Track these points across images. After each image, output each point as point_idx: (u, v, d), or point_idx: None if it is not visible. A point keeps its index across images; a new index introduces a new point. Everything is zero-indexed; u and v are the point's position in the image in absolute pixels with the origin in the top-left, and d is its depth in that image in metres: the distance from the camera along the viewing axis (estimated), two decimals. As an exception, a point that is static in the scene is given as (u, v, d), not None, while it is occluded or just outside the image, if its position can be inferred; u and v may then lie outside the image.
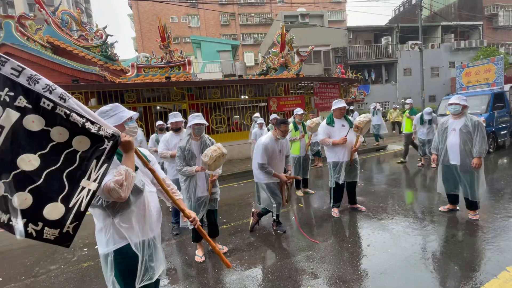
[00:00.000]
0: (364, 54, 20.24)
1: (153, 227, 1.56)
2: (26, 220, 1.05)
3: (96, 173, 1.14)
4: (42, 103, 1.07)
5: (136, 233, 1.47)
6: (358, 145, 3.79)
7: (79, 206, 1.10)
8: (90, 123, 1.16)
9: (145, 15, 28.78)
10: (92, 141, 1.16)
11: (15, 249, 3.79)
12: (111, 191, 1.23)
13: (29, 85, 1.07)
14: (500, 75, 8.36)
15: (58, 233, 1.09)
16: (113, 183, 1.22)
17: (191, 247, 3.40)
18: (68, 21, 9.52)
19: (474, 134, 3.37)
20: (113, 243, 1.44)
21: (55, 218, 1.08)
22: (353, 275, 2.53)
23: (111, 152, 1.19)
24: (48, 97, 1.09)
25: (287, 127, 3.35)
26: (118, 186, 1.22)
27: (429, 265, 2.61)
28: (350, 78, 12.97)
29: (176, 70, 8.60)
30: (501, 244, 2.86)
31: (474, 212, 3.51)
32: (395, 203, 4.37)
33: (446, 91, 19.92)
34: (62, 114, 1.10)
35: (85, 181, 1.12)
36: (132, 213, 1.45)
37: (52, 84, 1.12)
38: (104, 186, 1.23)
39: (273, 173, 3.34)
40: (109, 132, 1.21)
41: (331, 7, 31.09)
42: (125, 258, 1.45)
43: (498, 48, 22.07)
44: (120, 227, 1.41)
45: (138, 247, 1.46)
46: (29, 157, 1.06)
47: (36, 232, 1.06)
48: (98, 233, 1.48)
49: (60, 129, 1.10)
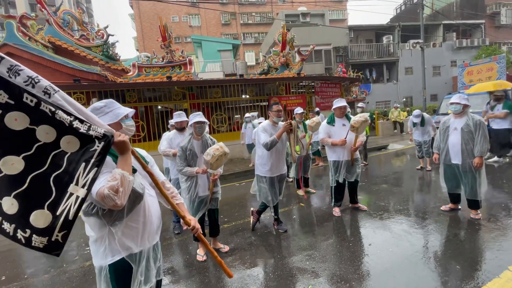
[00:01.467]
0: (365, 53, 20.18)
1: (153, 235, 1.45)
2: (15, 226, 0.98)
3: (85, 178, 1.02)
4: (24, 98, 0.95)
5: (136, 243, 1.35)
6: (358, 144, 3.78)
7: (67, 214, 1.00)
8: (79, 122, 1.04)
9: (146, 15, 28.80)
10: (81, 142, 1.04)
11: (18, 248, 3.81)
12: (105, 198, 1.10)
13: (9, 77, 0.94)
14: (503, 74, 8.32)
15: (46, 241, 1.00)
16: (107, 190, 1.09)
17: (192, 246, 3.40)
18: (69, 21, 9.55)
19: (475, 134, 3.36)
20: (111, 255, 1.31)
21: (42, 226, 0.99)
22: (355, 274, 2.52)
23: (102, 154, 1.06)
24: (31, 91, 0.96)
25: (279, 107, 3.36)
26: (113, 193, 1.10)
27: (430, 264, 2.60)
28: (351, 77, 12.93)
29: (177, 69, 8.60)
30: (503, 244, 2.85)
31: (476, 212, 3.50)
32: (397, 202, 4.36)
33: (448, 90, 19.85)
34: (47, 112, 0.98)
35: (73, 187, 1.01)
36: (131, 221, 1.33)
37: (35, 76, 0.98)
38: (98, 193, 1.11)
39: (276, 135, 3.17)
40: (100, 132, 1.08)
41: (332, 6, 31.01)
42: (122, 272, 1.33)
43: (500, 47, 21.96)
44: (117, 237, 1.29)
45: (135, 259, 1.34)
46: (12, 159, 0.95)
47: (25, 239, 0.99)
48: (92, 244, 1.35)
49: (46, 128, 0.98)
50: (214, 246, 3.24)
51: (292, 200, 4.98)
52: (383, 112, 16.64)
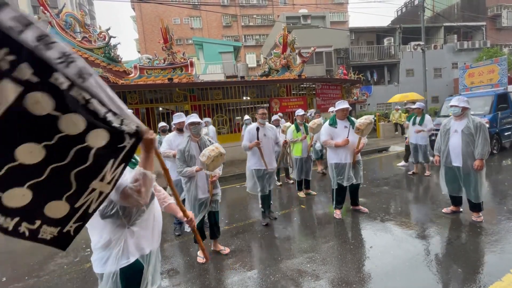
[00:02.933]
0: (366, 55, 20.19)
1: (160, 235, 1.46)
2: (19, 219, 0.88)
3: (112, 174, 0.95)
4: (53, 78, 0.77)
5: (148, 243, 1.33)
6: (360, 146, 3.78)
7: (87, 207, 0.95)
8: (112, 114, 0.90)
9: (148, 17, 28.96)
10: (111, 137, 0.90)
11: (18, 250, 3.82)
12: (129, 198, 1.11)
13: (37, 48, 0.74)
14: (504, 76, 8.30)
15: (57, 232, 0.94)
16: (130, 189, 1.09)
17: (193, 248, 3.40)
18: (71, 23, 9.59)
19: (476, 136, 3.35)
20: (126, 257, 1.26)
21: (57, 216, 0.92)
22: (356, 277, 2.51)
23: (130, 151, 0.97)
24: (64, 71, 0.78)
25: (264, 110, 3.87)
26: (137, 194, 1.10)
27: (432, 267, 2.59)
28: (352, 79, 12.94)
29: (179, 71, 8.63)
30: (505, 247, 2.83)
31: (477, 214, 3.48)
32: (398, 205, 4.35)
33: (449, 92, 19.81)
34: (80, 98, 0.82)
35: (97, 183, 0.93)
36: (145, 221, 1.32)
37: (71, 52, 0.81)
38: (122, 192, 1.11)
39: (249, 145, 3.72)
40: (132, 128, 0.96)
41: (333, 8, 31.09)
42: (133, 275, 1.29)
43: (502, 49, 21.93)
44: (135, 237, 1.27)
45: (146, 260, 1.33)
46: (32, 147, 0.80)
47: (30, 231, 0.90)
48: (100, 249, 1.27)
49: (74, 117, 0.81)
50: (215, 248, 3.24)
51: (293, 202, 4.97)
52: (384, 114, 16.62)
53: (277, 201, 5.14)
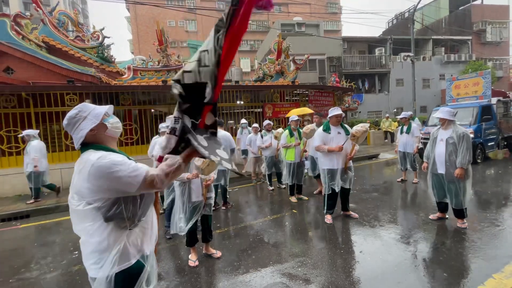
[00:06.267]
0: (358, 64, 20.66)
1: (155, 237, 1.42)
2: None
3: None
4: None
5: (147, 244, 1.31)
6: (353, 153, 3.87)
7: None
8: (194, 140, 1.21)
9: (143, 18, 28.84)
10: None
11: (3, 252, 3.70)
12: (153, 181, 1.12)
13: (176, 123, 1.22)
14: (488, 89, 8.67)
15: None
16: (161, 170, 1.12)
17: (184, 251, 3.38)
18: (64, 21, 9.47)
19: (459, 145, 3.49)
20: (126, 260, 1.22)
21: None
22: (346, 281, 2.56)
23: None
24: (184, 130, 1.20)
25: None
26: (164, 176, 1.12)
27: (419, 271, 2.67)
28: (344, 87, 13.21)
29: (173, 74, 8.62)
30: (488, 252, 2.94)
31: (462, 221, 3.61)
32: (387, 211, 4.45)
33: (437, 102, 20.45)
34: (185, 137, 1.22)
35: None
36: (144, 222, 1.30)
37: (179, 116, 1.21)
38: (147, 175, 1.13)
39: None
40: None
41: (327, 17, 31.79)
42: (130, 278, 1.24)
43: (486, 63, 22.86)
44: (134, 239, 1.24)
45: (146, 259, 1.30)
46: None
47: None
48: (96, 253, 1.19)
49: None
50: (206, 251, 3.23)
51: (285, 207, 5.01)
52: (374, 122, 16.98)
53: (268, 206, 5.16)
